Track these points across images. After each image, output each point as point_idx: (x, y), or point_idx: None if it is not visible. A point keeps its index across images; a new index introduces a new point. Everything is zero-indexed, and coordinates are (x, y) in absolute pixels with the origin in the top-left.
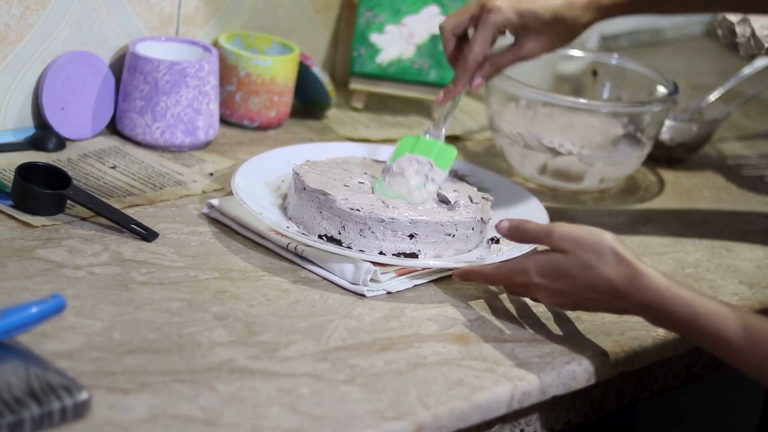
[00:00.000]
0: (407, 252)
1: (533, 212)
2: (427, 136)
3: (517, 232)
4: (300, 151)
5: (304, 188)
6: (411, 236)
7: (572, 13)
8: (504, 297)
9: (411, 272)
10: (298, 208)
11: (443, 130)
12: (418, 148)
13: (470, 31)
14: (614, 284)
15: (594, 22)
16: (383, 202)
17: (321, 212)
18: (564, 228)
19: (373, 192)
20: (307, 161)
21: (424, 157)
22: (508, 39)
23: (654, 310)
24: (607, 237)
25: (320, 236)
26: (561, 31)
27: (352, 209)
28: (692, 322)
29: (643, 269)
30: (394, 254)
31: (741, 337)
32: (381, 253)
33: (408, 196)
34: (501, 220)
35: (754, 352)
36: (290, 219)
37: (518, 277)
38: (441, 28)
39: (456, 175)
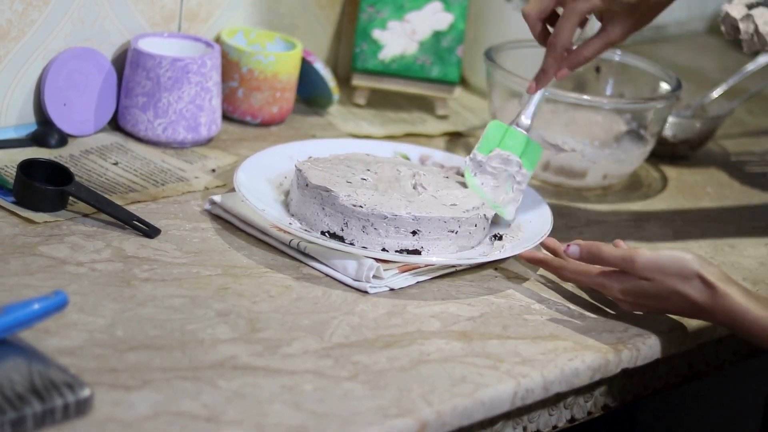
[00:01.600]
0: (410, 249)
1: (536, 210)
2: (516, 126)
3: (591, 257)
4: (302, 147)
5: (307, 185)
6: (414, 233)
7: None
8: (506, 295)
9: (414, 269)
10: (300, 205)
11: (530, 122)
12: (506, 142)
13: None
14: (700, 305)
15: None
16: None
17: (324, 209)
18: (647, 257)
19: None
20: (310, 158)
21: (514, 156)
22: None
23: (737, 329)
24: (691, 261)
25: (323, 233)
26: (645, 10)
27: (354, 206)
28: (750, 330)
29: (726, 290)
30: (396, 251)
31: None
32: (384, 249)
33: (501, 208)
34: (569, 245)
35: None
36: (293, 216)
37: (597, 287)
38: (525, 14)
39: (458, 172)
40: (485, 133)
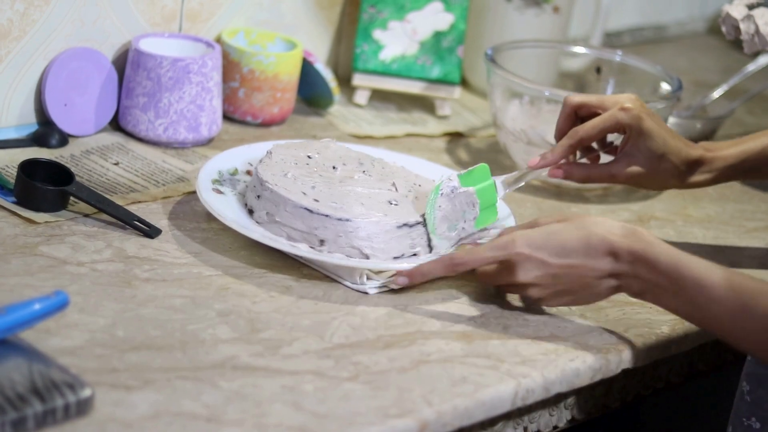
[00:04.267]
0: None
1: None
2: (498, 184)
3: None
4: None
5: (284, 211)
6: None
7: (681, 157)
8: (507, 295)
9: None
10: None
11: (508, 190)
12: (482, 190)
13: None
14: (608, 239)
15: (689, 181)
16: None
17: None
18: (544, 218)
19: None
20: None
21: (477, 208)
22: None
23: (642, 261)
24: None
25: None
26: (659, 170)
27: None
28: (676, 273)
29: (637, 227)
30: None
31: (722, 287)
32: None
33: (435, 236)
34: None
35: (732, 301)
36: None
37: (499, 251)
38: (566, 100)
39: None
40: (474, 169)
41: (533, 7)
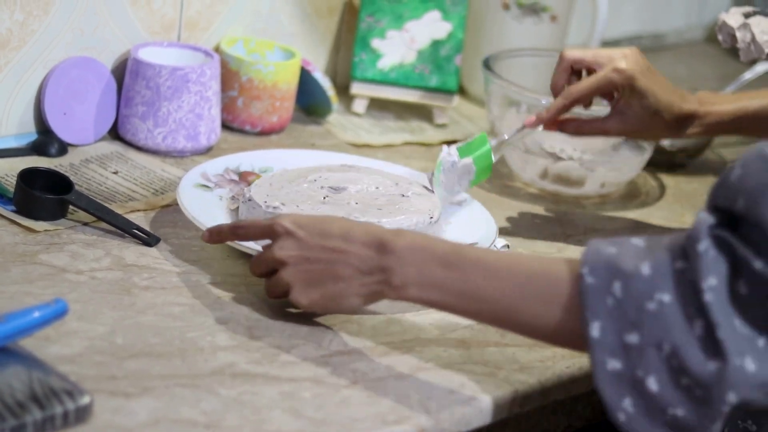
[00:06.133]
0: None
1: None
2: (495, 144)
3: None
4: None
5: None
6: None
7: (673, 113)
8: None
9: None
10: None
11: (499, 154)
12: (478, 158)
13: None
14: (375, 232)
15: (682, 134)
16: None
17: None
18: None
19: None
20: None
21: (471, 174)
22: None
23: (418, 250)
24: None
25: None
26: (652, 126)
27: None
28: (454, 256)
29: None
30: None
31: (504, 264)
32: None
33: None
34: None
35: (512, 278)
36: None
37: (268, 223)
38: (562, 55)
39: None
40: (473, 141)
41: (531, 15)
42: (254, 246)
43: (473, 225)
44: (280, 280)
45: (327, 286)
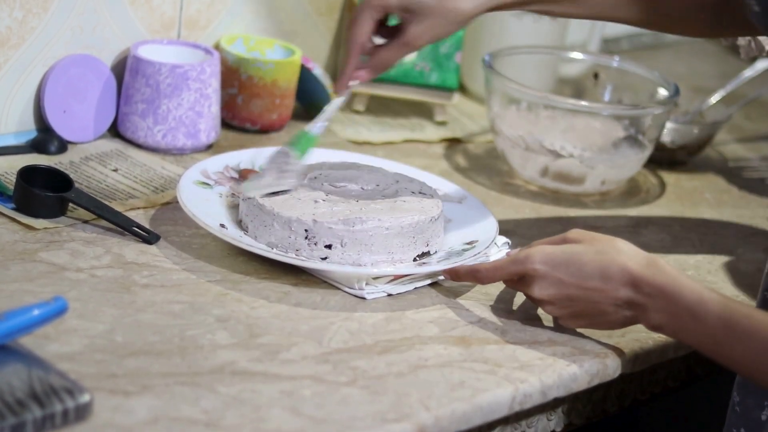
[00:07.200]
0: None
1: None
2: (318, 124)
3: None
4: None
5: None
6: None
7: None
8: (506, 299)
9: (400, 278)
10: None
11: (319, 125)
12: (295, 144)
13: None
14: (629, 269)
15: (479, 11)
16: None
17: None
18: (575, 233)
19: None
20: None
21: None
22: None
23: (666, 294)
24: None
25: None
26: (444, 15)
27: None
28: (698, 307)
29: (658, 258)
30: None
31: (747, 324)
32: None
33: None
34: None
35: (758, 342)
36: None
37: (517, 266)
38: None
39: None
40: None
41: (531, 13)
42: (257, 245)
43: (474, 223)
44: (545, 309)
45: (593, 318)
